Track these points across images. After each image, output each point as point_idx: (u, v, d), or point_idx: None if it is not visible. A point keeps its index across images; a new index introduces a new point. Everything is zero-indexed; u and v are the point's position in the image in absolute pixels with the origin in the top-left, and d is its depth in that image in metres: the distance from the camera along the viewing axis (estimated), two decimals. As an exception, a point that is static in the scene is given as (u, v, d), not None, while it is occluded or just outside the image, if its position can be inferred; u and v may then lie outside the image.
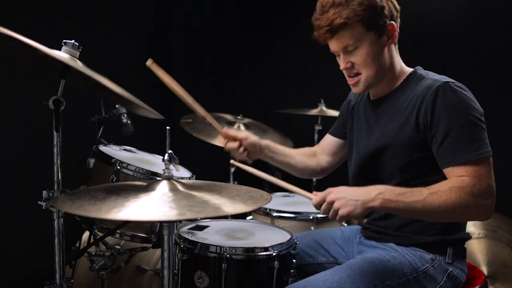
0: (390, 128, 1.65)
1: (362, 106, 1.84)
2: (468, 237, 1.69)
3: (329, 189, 1.50)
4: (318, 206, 1.50)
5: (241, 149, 1.87)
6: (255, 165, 1.81)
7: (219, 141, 1.95)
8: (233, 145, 1.87)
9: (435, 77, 1.64)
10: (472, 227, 2.86)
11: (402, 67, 1.73)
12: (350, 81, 1.69)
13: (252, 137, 1.90)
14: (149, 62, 1.63)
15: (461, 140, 1.49)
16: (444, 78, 1.61)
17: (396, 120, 1.64)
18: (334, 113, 3.20)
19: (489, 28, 3.14)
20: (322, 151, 2.06)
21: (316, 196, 1.51)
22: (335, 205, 1.46)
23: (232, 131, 1.89)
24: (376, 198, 1.44)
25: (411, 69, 1.73)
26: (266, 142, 1.97)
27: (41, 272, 1.72)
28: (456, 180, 1.47)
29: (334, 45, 1.65)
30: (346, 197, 1.45)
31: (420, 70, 1.72)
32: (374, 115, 1.75)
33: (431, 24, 3.27)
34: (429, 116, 1.54)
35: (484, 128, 1.52)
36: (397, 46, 1.72)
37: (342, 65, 1.67)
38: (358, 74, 1.66)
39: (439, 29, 3.26)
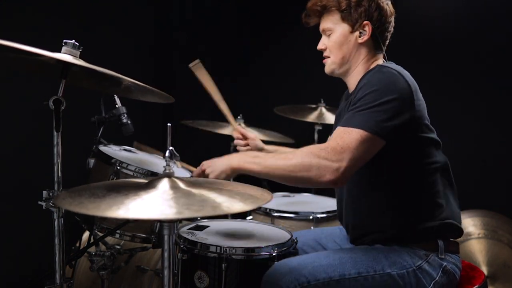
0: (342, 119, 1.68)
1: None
2: (453, 223, 1.66)
3: (204, 162, 1.73)
4: (197, 177, 1.73)
5: (246, 148, 2.16)
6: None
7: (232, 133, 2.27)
8: (240, 142, 2.18)
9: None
10: (472, 227, 2.86)
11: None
12: (323, 61, 1.83)
13: (259, 141, 2.17)
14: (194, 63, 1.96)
15: (358, 110, 1.57)
16: (387, 64, 1.69)
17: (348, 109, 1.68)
18: (334, 113, 3.21)
19: (489, 28, 3.15)
20: None
21: (196, 169, 1.76)
22: (206, 171, 1.69)
23: (243, 130, 2.20)
24: (234, 159, 1.67)
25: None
26: (273, 148, 2.17)
27: (41, 272, 1.72)
28: (315, 145, 1.60)
29: (320, 26, 1.81)
30: (215, 163, 1.68)
31: (387, 64, 1.73)
32: (345, 108, 1.77)
33: (431, 24, 3.28)
34: (355, 92, 1.64)
35: (391, 111, 1.54)
36: (383, 48, 1.76)
37: (318, 46, 1.82)
38: (328, 57, 1.81)
39: (439, 29, 3.26)
